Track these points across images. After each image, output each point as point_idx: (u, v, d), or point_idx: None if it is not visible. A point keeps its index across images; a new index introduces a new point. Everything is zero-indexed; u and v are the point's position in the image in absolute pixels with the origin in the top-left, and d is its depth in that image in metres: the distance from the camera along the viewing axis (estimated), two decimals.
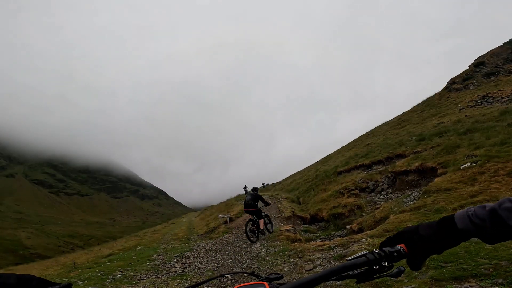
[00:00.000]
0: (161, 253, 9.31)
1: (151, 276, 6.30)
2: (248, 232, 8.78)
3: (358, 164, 20.93)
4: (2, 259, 58.79)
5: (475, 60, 28.01)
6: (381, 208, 9.81)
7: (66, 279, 6.54)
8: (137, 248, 12.13)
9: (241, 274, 5.21)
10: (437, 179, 8.55)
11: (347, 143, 35.88)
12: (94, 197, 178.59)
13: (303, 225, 14.09)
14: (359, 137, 34.51)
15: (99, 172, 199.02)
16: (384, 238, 1.03)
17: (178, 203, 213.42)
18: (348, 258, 0.75)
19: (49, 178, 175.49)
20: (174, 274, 6.33)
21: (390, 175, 14.82)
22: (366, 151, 22.48)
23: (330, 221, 12.99)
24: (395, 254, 0.72)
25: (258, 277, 0.91)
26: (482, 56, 28.48)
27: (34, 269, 12.78)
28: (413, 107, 29.70)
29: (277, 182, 45.67)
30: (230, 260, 7.19)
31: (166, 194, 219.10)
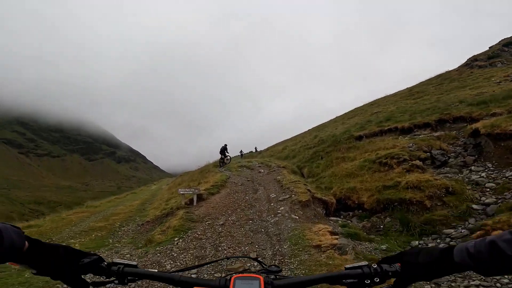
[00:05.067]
0: None
1: None
2: None
3: (386, 127, 15.59)
4: None
5: (502, 40, 28.46)
6: None
7: None
8: None
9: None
10: None
11: (342, 113, 33.44)
12: (67, 158, 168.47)
13: (333, 218, 7.91)
14: (359, 107, 31.29)
15: (73, 132, 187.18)
16: None
17: (157, 168, 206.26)
18: (347, 266, 0.78)
19: (18, 137, 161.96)
20: None
21: (465, 141, 8.72)
22: (384, 117, 18.03)
23: (381, 213, 6.85)
24: (390, 274, 0.75)
25: (261, 263, 0.97)
26: (510, 37, 28.08)
27: None
28: (426, 80, 27.83)
29: (264, 149, 39.76)
30: None
31: (144, 157, 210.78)
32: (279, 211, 7.29)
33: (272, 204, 8.20)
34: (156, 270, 0.80)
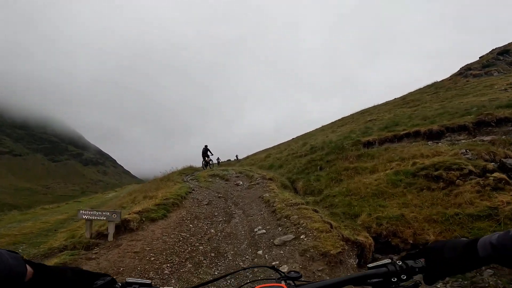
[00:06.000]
0: None
1: None
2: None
3: (401, 132, 12.76)
4: None
5: (493, 49, 27.93)
6: None
7: None
8: None
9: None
10: None
11: (328, 122, 31.64)
12: (29, 158, 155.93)
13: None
14: (348, 115, 29.53)
15: (39, 130, 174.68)
16: None
17: (127, 173, 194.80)
18: (369, 265, 0.75)
19: None
20: None
21: None
22: (386, 123, 15.61)
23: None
24: (416, 270, 0.72)
25: (278, 271, 0.88)
26: (506, 45, 27.68)
27: None
28: (417, 89, 27.25)
29: (243, 158, 35.69)
30: None
31: (114, 161, 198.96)
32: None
33: (261, 251, 4.11)
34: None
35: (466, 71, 25.04)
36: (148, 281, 0.73)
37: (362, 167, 9.54)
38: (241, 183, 10.35)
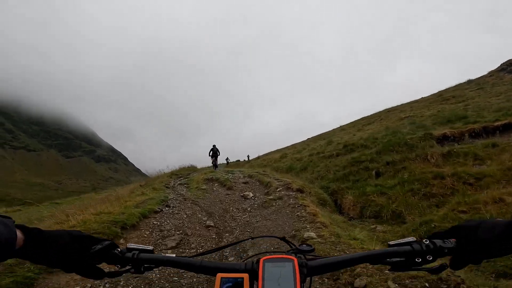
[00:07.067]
0: None
1: None
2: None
3: (497, 124, 8.67)
4: None
5: None
6: None
7: None
8: None
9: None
10: None
11: (345, 122, 28.60)
12: (43, 154, 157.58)
13: None
14: (374, 113, 26.36)
15: (54, 126, 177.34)
16: None
17: (138, 170, 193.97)
18: (391, 243, 0.66)
19: None
20: None
21: None
22: (447, 116, 11.83)
23: None
24: (446, 251, 0.62)
25: (289, 243, 0.81)
26: None
27: None
28: (453, 86, 24.89)
29: (254, 158, 31.86)
30: None
31: (125, 158, 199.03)
32: None
33: None
34: (174, 255, 0.69)
35: (508, 67, 24.03)
36: (150, 247, 0.68)
37: (466, 174, 5.32)
38: (251, 195, 6.29)
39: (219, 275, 0.58)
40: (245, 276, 0.58)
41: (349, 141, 13.16)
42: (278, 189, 6.26)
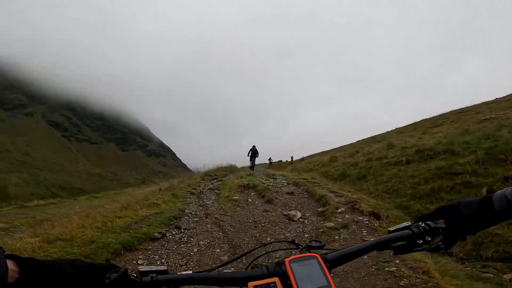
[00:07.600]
0: None
1: None
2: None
3: None
4: None
5: None
6: None
7: None
8: None
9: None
10: None
11: (403, 125, 25.04)
12: (103, 146, 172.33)
13: None
14: (441, 114, 22.73)
15: (113, 121, 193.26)
16: None
17: (184, 165, 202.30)
18: (391, 229, 0.72)
19: (65, 121, 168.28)
20: None
21: None
22: None
23: None
24: (440, 230, 0.69)
25: (297, 245, 0.81)
26: None
27: None
28: None
29: (297, 160, 29.76)
30: None
31: (174, 153, 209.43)
32: None
33: None
34: (191, 272, 0.65)
35: None
36: (164, 267, 0.64)
37: None
38: (298, 215, 4.48)
39: (251, 283, 0.57)
40: (276, 280, 0.57)
41: (423, 146, 10.60)
42: (339, 210, 4.36)
